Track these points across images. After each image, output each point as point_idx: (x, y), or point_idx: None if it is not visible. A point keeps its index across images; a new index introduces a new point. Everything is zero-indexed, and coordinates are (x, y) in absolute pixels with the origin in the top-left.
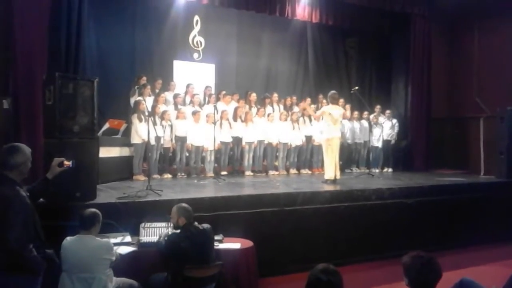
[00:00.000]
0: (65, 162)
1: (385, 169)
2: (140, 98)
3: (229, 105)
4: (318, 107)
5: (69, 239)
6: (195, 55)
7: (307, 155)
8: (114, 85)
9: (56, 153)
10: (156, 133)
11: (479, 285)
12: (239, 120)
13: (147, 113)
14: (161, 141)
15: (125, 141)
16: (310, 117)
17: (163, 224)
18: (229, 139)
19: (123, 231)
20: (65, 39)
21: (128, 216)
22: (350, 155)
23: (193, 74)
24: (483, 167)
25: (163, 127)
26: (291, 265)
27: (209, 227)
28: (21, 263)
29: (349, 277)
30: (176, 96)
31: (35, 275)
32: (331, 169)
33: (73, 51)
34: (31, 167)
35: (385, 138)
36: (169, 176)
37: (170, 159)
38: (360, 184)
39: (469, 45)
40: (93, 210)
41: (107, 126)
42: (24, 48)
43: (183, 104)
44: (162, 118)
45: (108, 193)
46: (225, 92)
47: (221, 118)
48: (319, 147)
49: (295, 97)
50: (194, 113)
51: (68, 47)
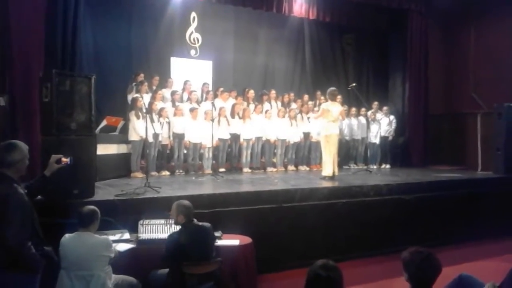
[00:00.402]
0: (63, 159)
1: (383, 166)
2: (137, 95)
3: (227, 102)
4: (315, 104)
5: (67, 236)
6: (192, 52)
7: (305, 152)
8: (111, 82)
9: (53, 150)
10: (154, 130)
11: (478, 280)
12: (237, 117)
13: (144, 110)
14: (159, 138)
15: (123, 138)
16: (308, 114)
17: (162, 221)
18: (227, 136)
19: (121, 228)
20: (62, 36)
21: (126, 213)
22: (348, 152)
23: (190, 71)
24: (480, 163)
25: (160, 124)
26: (289, 261)
27: (209, 225)
28: (19, 261)
29: (348, 273)
30: (173, 93)
31: (34, 273)
32: (329, 165)
33: (69, 48)
34: (28, 165)
35: (382, 134)
36: (167, 173)
37: (168, 156)
38: (358, 180)
39: (466, 42)
40: (92, 207)
41: (104, 123)
42: (20, 45)
43: (180, 101)
44: (159, 115)
45: (106, 190)
46: (222, 89)
47: (219, 115)
48: (317, 143)
49: (292, 94)
50: (192, 110)
51: (64, 44)
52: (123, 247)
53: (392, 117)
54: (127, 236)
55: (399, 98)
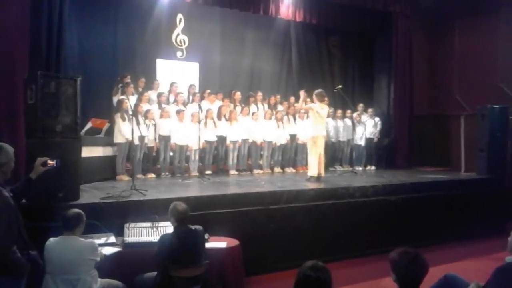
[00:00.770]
0: (49, 161)
1: (368, 167)
2: (123, 97)
3: (213, 104)
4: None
5: (52, 240)
6: (179, 54)
7: (292, 154)
8: (96, 84)
9: (38, 153)
10: (140, 133)
11: (463, 280)
12: (223, 119)
13: (130, 112)
14: (145, 140)
15: (108, 140)
16: (294, 116)
17: (148, 224)
18: (214, 138)
19: (107, 232)
20: (46, 38)
21: (112, 216)
22: (333, 153)
23: (176, 72)
24: (464, 164)
25: (146, 126)
26: (276, 263)
27: (201, 228)
28: (4, 265)
29: (336, 273)
30: (160, 95)
31: (19, 277)
32: (315, 166)
33: (54, 50)
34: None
35: (368, 136)
36: (153, 175)
37: (154, 159)
38: (344, 182)
39: (450, 44)
40: (77, 210)
41: (89, 125)
42: (4, 47)
43: (167, 103)
44: (145, 117)
45: (91, 193)
46: (209, 91)
47: (206, 117)
48: (304, 145)
49: (279, 96)
50: (178, 112)
51: (49, 46)
52: (109, 251)
53: (377, 119)
54: (113, 239)
55: (384, 99)
